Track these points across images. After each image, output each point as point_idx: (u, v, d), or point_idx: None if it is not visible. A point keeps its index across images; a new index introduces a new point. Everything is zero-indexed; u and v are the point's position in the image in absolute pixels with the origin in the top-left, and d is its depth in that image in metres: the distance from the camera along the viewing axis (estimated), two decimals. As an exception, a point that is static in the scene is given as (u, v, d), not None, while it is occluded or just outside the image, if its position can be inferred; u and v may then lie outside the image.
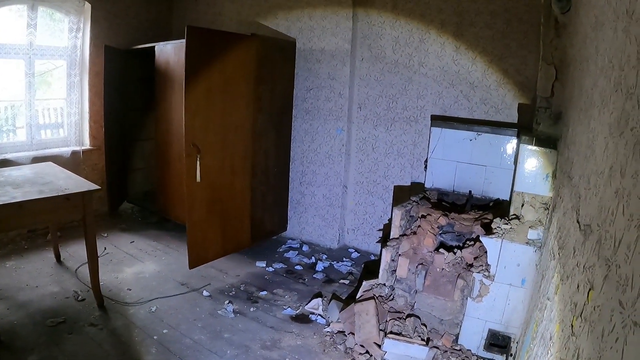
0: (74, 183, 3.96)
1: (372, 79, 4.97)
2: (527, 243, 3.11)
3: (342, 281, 4.58)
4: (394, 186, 4.98)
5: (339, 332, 3.61)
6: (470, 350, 3.31)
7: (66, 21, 5.91)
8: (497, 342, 3.25)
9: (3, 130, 5.78)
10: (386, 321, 3.44)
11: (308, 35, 5.21)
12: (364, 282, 3.79)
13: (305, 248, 5.36)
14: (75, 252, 5.08)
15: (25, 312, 3.92)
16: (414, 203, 3.94)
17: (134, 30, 6.38)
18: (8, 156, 5.41)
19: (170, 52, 5.25)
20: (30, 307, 4.01)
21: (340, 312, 3.71)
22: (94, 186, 3.88)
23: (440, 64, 4.56)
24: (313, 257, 5.09)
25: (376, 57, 4.92)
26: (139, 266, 4.87)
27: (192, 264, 4.42)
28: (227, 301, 4.11)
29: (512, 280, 3.14)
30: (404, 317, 3.44)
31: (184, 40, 4.13)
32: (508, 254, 3.14)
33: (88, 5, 5.82)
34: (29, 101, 5.78)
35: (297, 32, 5.28)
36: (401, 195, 4.86)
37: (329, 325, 3.73)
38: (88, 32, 5.95)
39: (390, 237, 3.81)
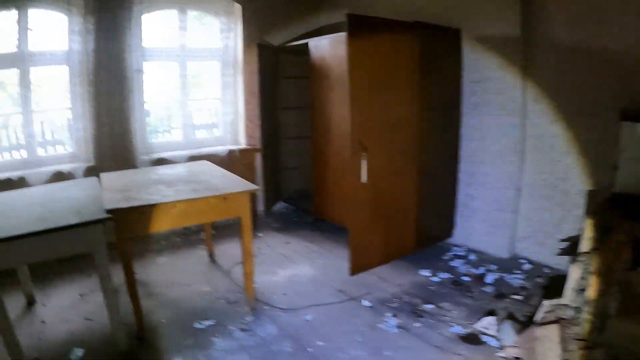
0: (230, 182, 4.10)
1: (548, 67, 4.61)
2: None
3: (513, 296, 4.25)
4: (578, 190, 4.54)
5: (515, 358, 3.38)
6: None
7: (217, 22, 6.29)
8: None
9: (159, 130, 6.22)
10: (571, 350, 3.19)
11: (474, 22, 4.97)
12: (545, 302, 3.53)
13: (472, 256, 5.12)
14: (229, 251, 5.32)
15: (173, 310, 4.13)
16: (606, 211, 3.60)
17: (284, 27, 6.62)
18: (164, 155, 5.88)
19: (325, 47, 5.31)
20: (179, 305, 4.22)
21: (516, 334, 3.51)
22: (252, 186, 3.97)
23: (627, 47, 4.07)
24: (481, 267, 4.84)
25: (551, 42, 4.56)
26: (293, 269, 4.96)
27: (354, 271, 4.40)
28: (389, 313, 3.98)
29: None
30: (592, 347, 3.17)
31: (339, 34, 4.13)
32: None
33: (238, 6, 6.13)
34: (183, 102, 6.19)
35: (461, 18, 5.06)
36: (585, 201, 4.48)
37: (502, 349, 3.49)
38: (239, 32, 6.28)
39: (580, 251, 3.52)
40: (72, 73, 5.43)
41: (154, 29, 5.99)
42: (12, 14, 5.08)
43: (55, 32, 5.36)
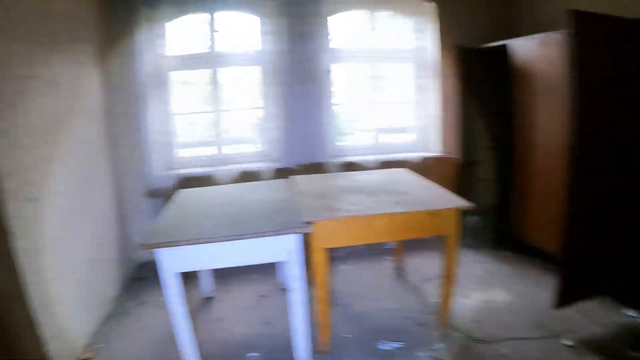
0: (437, 195, 3.96)
1: None
2: None
3: None
4: None
5: None
6: None
7: (410, 23, 6.33)
8: None
9: (345, 133, 6.36)
10: None
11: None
12: None
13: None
14: (418, 265, 5.28)
15: (357, 325, 4.15)
16: None
17: (482, 28, 6.40)
18: (353, 159, 6.05)
19: (531, 48, 5.13)
20: (363, 321, 4.22)
21: None
22: (464, 201, 3.77)
23: None
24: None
25: None
26: (488, 293, 4.76)
27: (558, 304, 4.08)
28: (592, 358, 3.66)
29: None
30: None
31: (550, 34, 3.84)
32: None
33: (432, 5, 6.08)
34: (373, 104, 6.34)
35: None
36: None
37: None
38: (434, 32, 6.23)
39: None
40: (265, 73, 5.85)
41: (343, 30, 6.24)
42: (205, 16, 5.67)
43: (244, 33, 5.86)
